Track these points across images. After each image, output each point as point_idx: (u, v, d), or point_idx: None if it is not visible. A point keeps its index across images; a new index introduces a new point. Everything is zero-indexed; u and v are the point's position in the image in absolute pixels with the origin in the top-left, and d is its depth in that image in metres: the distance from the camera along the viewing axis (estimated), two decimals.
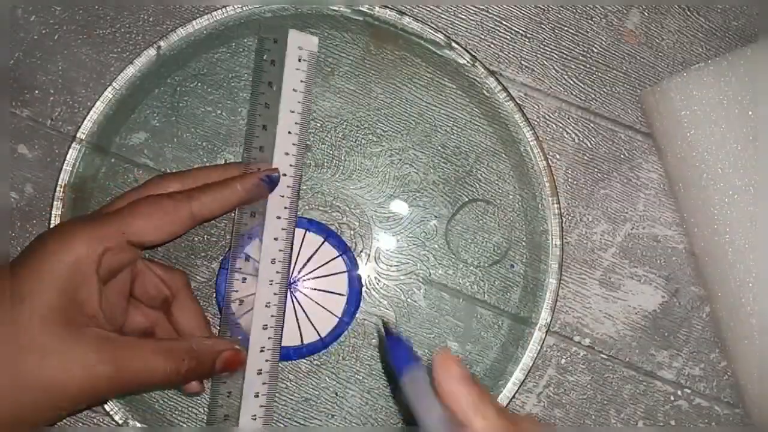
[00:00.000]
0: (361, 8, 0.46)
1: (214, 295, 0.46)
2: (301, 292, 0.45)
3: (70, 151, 0.46)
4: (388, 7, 0.46)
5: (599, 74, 0.48)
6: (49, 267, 0.35)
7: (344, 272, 0.46)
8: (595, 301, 0.48)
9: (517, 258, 0.47)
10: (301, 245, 0.46)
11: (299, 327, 0.45)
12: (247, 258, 0.42)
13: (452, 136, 0.47)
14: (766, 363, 0.44)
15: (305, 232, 0.46)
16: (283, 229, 0.43)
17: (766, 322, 0.44)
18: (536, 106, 0.48)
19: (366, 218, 0.47)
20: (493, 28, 0.48)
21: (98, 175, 0.47)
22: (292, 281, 0.45)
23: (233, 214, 0.43)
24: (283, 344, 0.45)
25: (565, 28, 0.49)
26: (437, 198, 0.47)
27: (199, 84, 0.47)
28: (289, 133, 0.43)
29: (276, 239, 0.43)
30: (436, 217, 0.47)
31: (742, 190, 0.45)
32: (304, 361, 0.46)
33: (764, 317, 0.44)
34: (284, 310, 0.43)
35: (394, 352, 0.36)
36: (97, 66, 0.48)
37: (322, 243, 0.46)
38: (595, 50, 0.49)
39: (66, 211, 0.45)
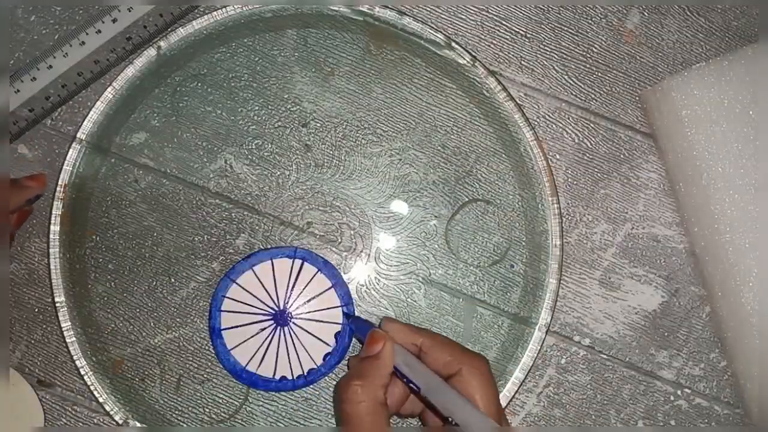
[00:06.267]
0: (361, 8, 0.46)
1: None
2: (296, 324, 0.45)
3: (70, 151, 0.46)
4: (388, 7, 0.46)
5: (599, 74, 0.48)
6: None
7: (338, 306, 0.45)
8: (595, 301, 0.48)
9: (517, 258, 0.47)
10: (297, 275, 0.46)
11: (298, 356, 0.45)
12: None
13: (452, 136, 0.47)
14: (766, 363, 0.44)
15: (302, 263, 0.45)
16: None
17: (766, 322, 0.44)
18: (536, 106, 0.48)
19: (366, 218, 0.47)
20: (493, 28, 0.48)
21: (98, 175, 0.47)
22: (286, 313, 0.45)
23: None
24: (281, 374, 0.45)
25: (565, 28, 0.49)
26: (437, 198, 0.47)
27: (199, 84, 0.47)
28: None
29: None
30: (436, 217, 0.47)
31: (742, 190, 0.45)
32: None
33: (764, 317, 0.44)
34: None
35: (359, 328, 0.43)
36: None
37: (316, 273, 0.45)
38: (595, 50, 0.49)
39: (66, 211, 0.45)
